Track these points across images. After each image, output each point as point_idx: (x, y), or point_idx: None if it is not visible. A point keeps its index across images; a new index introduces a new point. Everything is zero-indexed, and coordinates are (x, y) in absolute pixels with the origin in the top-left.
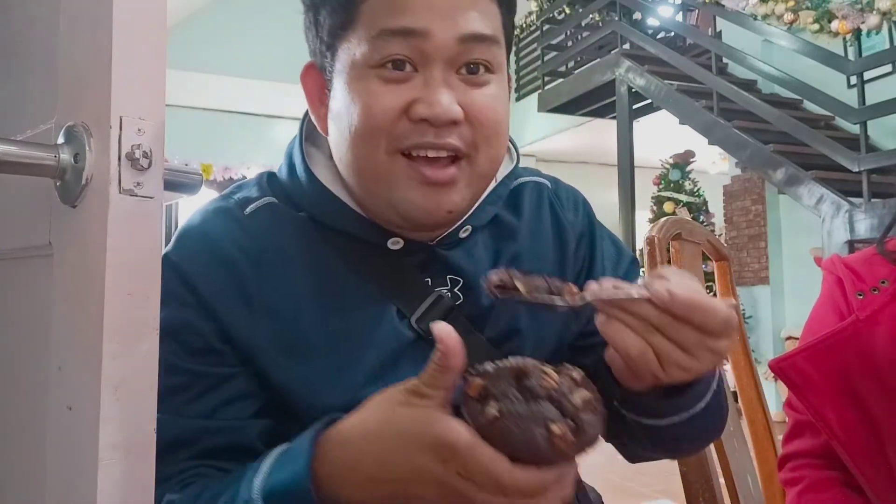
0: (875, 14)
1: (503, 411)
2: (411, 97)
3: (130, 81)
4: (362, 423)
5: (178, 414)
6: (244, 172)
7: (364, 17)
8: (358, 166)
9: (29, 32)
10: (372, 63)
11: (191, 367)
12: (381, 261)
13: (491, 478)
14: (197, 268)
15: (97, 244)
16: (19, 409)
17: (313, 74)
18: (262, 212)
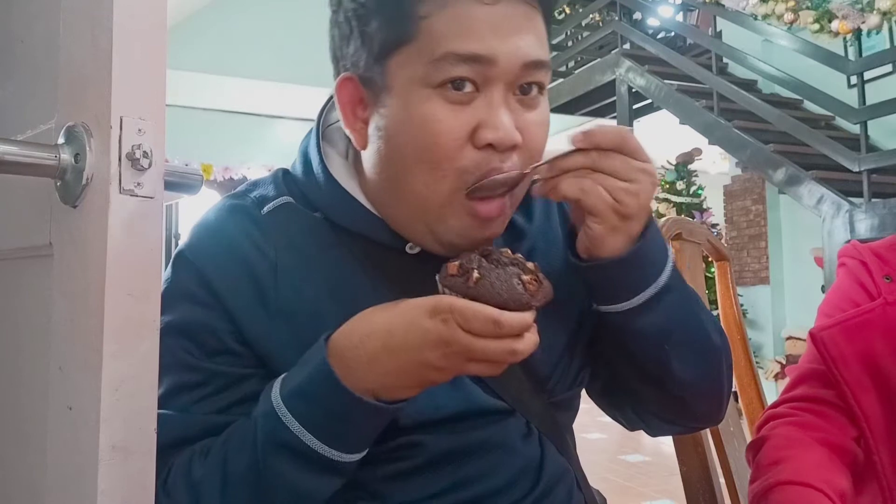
0: (875, 14)
1: (483, 274)
2: (475, 121)
3: (131, 81)
4: (365, 313)
5: (189, 411)
6: (244, 172)
7: (424, 35)
8: (408, 190)
9: (29, 32)
10: (433, 83)
11: (206, 366)
12: (396, 264)
13: (487, 321)
14: (214, 267)
15: (97, 244)
16: (20, 409)
17: (349, 87)
18: (280, 212)
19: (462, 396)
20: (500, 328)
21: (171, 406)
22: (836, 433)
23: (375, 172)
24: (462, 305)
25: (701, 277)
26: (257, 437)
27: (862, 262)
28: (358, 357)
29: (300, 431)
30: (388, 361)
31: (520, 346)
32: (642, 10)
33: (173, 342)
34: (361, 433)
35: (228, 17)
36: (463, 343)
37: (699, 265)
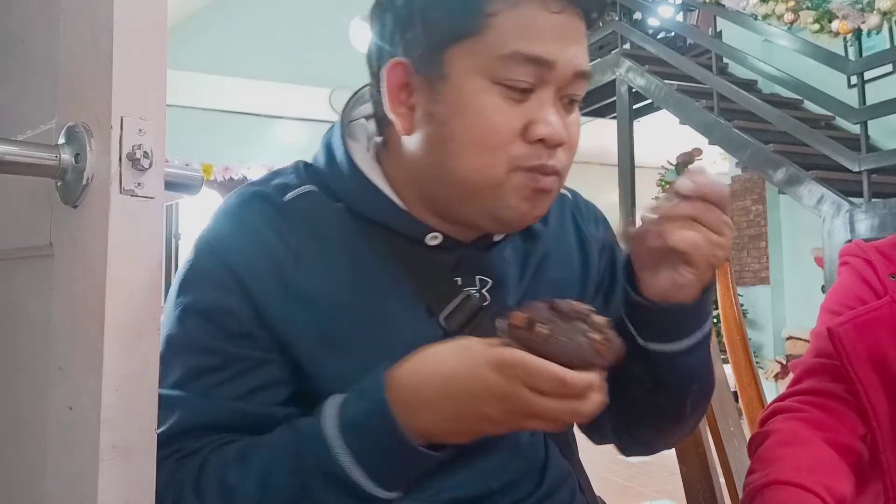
0: (875, 14)
1: (553, 329)
2: (528, 118)
3: (131, 81)
4: (428, 353)
5: (207, 395)
6: (244, 172)
7: (491, 32)
8: (459, 173)
9: (30, 33)
10: (495, 78)
11: (226, 349)
12: (415, 256)
13: (552, 379)
14: (236, 251)
15: (98, 244)
16: (20, 409)
17: (399, 72)
18: (302, 199)
19: None
20: (566, 388)
21: (189, 389)
22: (843, 431)
23: (421, 157)
24: (527, 362)
25: None
26: (305, 459)
27: (867, 260)
28: (416, 398)
29: (350, 465)
30: (446, 408)
31: (584, 409)
32: (642, 10)
33: (193, 324)
34: (408, 475)
35: (228, 17)
36: (525, 401)
37: None
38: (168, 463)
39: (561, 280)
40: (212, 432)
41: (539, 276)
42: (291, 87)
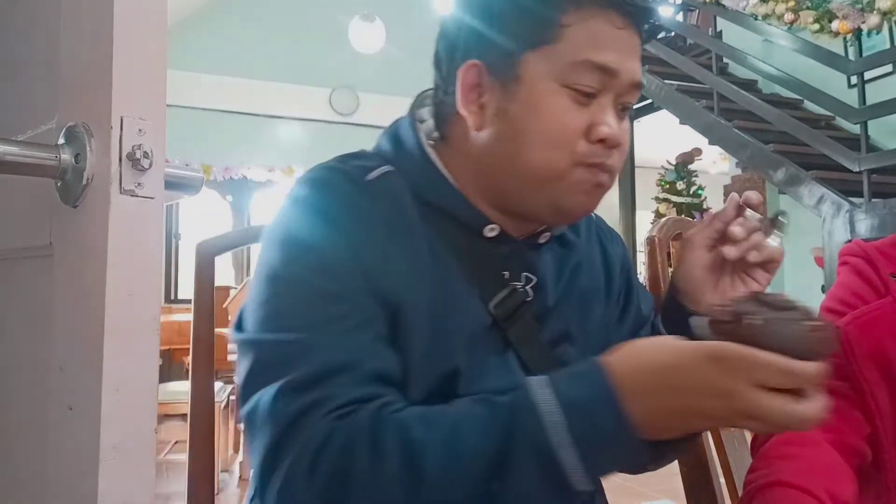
0: (875, 14)
1: (767, 319)
2: (591, 120)
3: (131, 82)
4: (640, 345)
5: (340, 336)
6: (244, 172)
7: (566, 41)
8: (531, 167)
9: (30, 33)
10: (566, 82)
11: (350, 297)
12: (472, 245)
13: (779, 371)
14: (336, 211)
15: (98, 244)
16: (20, 409)
17: (473, 72)
18: (383, 180)
19: (510, 379)
20: (793, 379)
21: (324, 332)
22: (849, 433)
23: (489, 150)
24: (750, 353)
25: None
26: (509, 428)
27: (868, 259)
28: (636, 388)
29: (561, 443)
30: (666, 400)
31: (809, 412)
32: None
33: (311, 277)
34: (612, 465)
35: (228, 17)
36: (749, 397)
37: None
38: (318, 416)
39: (589, 288)
40: (343, 374)
41: (572, 282)
42: (291, 87)
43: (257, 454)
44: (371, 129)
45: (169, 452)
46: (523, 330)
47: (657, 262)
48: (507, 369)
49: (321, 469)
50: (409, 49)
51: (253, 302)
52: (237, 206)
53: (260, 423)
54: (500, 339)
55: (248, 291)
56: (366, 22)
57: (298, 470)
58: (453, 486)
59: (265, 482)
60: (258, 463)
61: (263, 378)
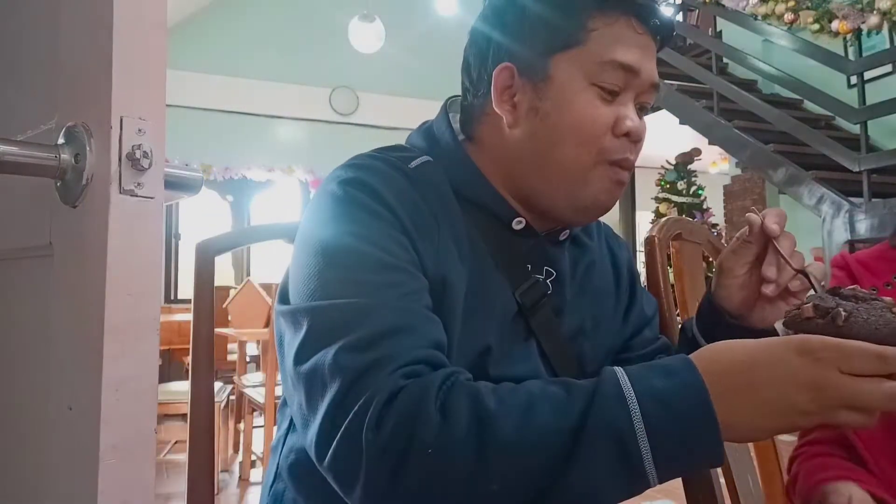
0: (875, 14)
1: (850, 310)
2: (616, 115)
3: (131, 81)
4: (720, 346)
5: (398, 300)
6: (244, 172)
7: (593, 43)
8: (556, 162)
9: (30, 33)
10: (594, 81)
11: (404, 266)
12: (501, 236)
13: (872, 357)
14: (386, 188)
15: (97, 244)
16: (20, 409)
17: (506, 74)
18: (424, 168)
19: (532, 366)
20: (887, 364)
21: (380, 297)
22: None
23: (521, 147)
24: (838, 343)
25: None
26: (589, 409)
27: (849, 273)
28: (719, 387)
29: (642, 435)
30: (750, 397)
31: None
32: None
33: (366, 248)
34: (688, 464)
35: (228, 17)
36: (843, 386)
37: (699, 265)
38: (384, 373)
39: (600, 288)
40: (404, 336)
41: (586, 281)
42: (291, 87)
43: (319, 411)
44: (371, 129)
45: (169, 452)
46: (544, 320)
47: (657, 262)
48: (529, 356)
49: (387, 423)
50: (409, 49)
51: (301, 276)
52: (237, 206)
53: (322, 380)
54: (523, 327)
55: (291, 269)
56: (365, 22)
57: (364, 422)
58: (522, 459)
59: (325, 437)
60: (319, 419)
61: (324, 340)
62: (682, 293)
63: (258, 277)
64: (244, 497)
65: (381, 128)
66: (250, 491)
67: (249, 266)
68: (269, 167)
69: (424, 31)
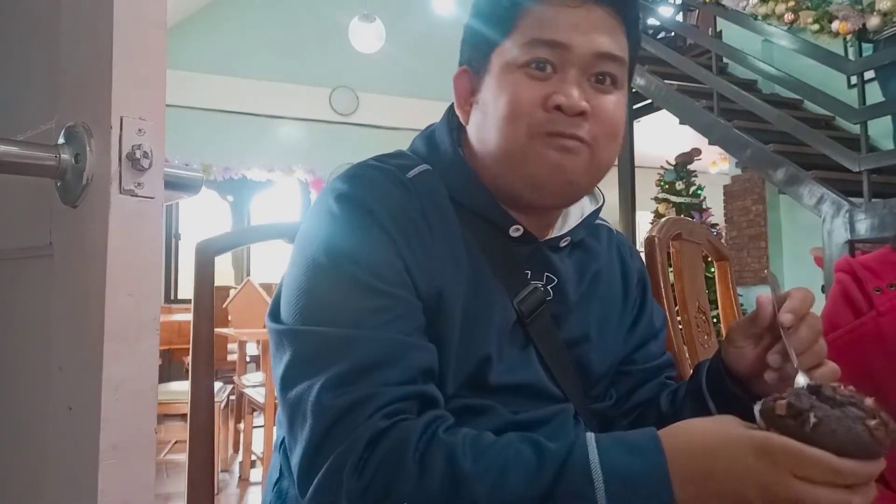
0: (876, 15)
1: (821, 417)
2: (550, 90)
3: (131, 82)
4: (689, 427)
5: (382, 329)
6: (244, 172)
7: (519, 29)
8: (499, 146)
9: (30, 33)
10: (520, 63)
11: (391, 291)
12: (499, 244)
13: (828, 470)
14: (380, 207)
15: (98, 244)
16: (20, 409)
17: (465, 78)
18: (423, 177)
19: (531, 374)
20: (841, 478)
21: (363, 327)
22: None
23: (476, 139)
24: (797, 449)
25: (701, 277)
26: (559, 481)
27: (853, 276)
28: (683, 472)
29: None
30: (707, 486)
31: (857, 500)
32: (642, 10)
33: (356, 270)
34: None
35: (228, 17)
36: (793, 490)
37: (699, 265)
38: (364, 414)
39: (608, 296)
40: (387, 369)
41: (593, 288)
42: (291, 87)
43: (300, 444)
44: (371, 129)
45: (169, 452)
46: (543, 328)
47: (657, 262)
48: (528, 364)
49: (368, 469)
50: (409, 49)
51: (291, 292)
52: (237, 206)
53: (304, 414)
54: (522, 334)
55: (285, 281)
56: (365, 22)
57: (344, 466)
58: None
59: (306, 472)
60: (300, 453)
61: (306, 369)
62: (682, 293)
63: (258, 277)
64: (244, 497)
65: (381, 128)
66: (250, 491)
67: (249, 266)
68: (269, 167)
69: (424, 31)
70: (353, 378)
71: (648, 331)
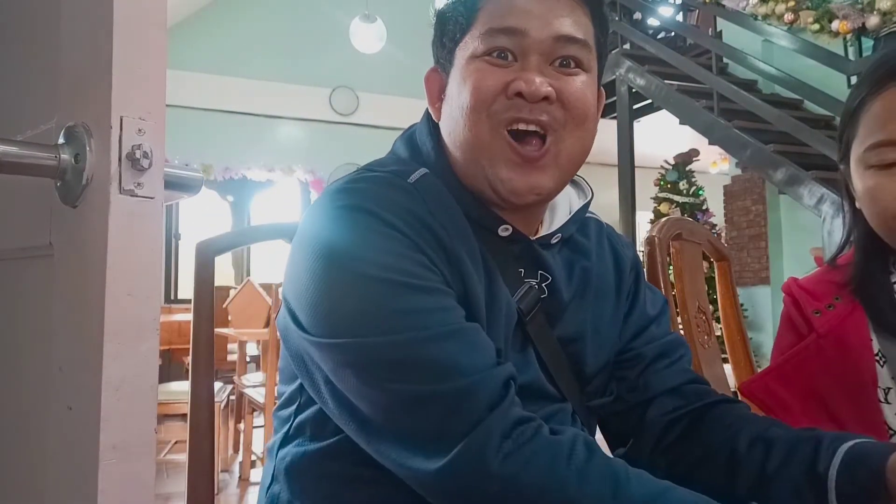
0: (875, 14)
1: None
2: (511, 78)
3: (131, 81)
4: None
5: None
6: (244, 172)
7: (478, 23)
8: (464, 138)
9: (29, 33)
10: (480, 53)
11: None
12: (492, 244)
13: None
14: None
15: (98, 244)
16: (20, 409)
17: (435, 77)
18: (424, 181)
19: (531, 375)
20: None
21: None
22: None
23: (446, 134)
24: None
25: (701, 277)
26: None
27: (794, 299)
28: None
29: None
30: None
31: None
32: (642, 10)
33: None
34: None
35: (228, 17)
36: None
37: (699, 265)
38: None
39: (600, 290)
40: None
41: (584, 285)
42: (291, 87)
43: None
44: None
45: (169, 452)
46: (539, 327)
47: (657, 262)
48: (528, 364)
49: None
50: (409, 49)
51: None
52: (237, 206)
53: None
54: (520, 335)
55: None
56: (366, 22)
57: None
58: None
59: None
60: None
61: (382, 375)
62: (682, 293)
63: (258, 277)
64: (244, 497)
65: (381, 128)
66: (250, 491)
67: (249, 266)
68: (269, 167)
69: (425, 31)
70: (448, 372)
71: (644, 317)
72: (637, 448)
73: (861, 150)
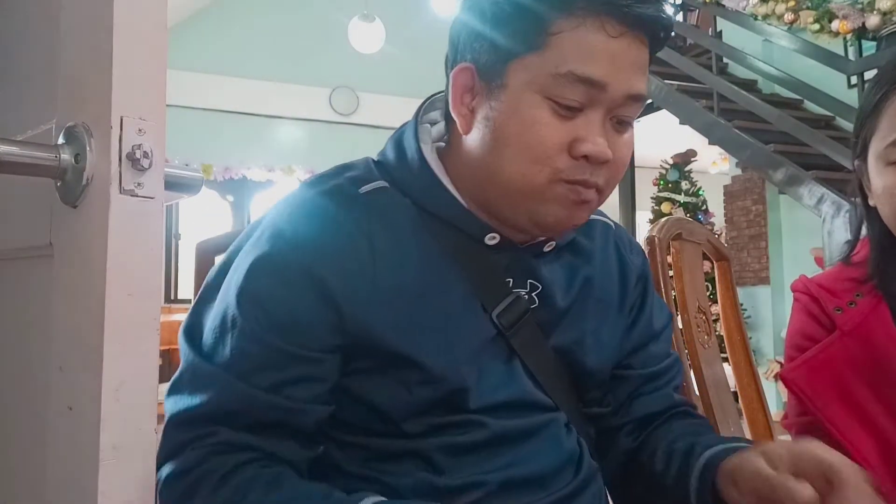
0: (875, 14)
1: None
2: (575, 134)
3: (131, 82)
4: None
5: (245, 381)
6: (244, 172)
7: (551, 50)
8: (509, 178)
9: (30, 33)
10: (548, 94)
11: (275, 343)
12: (474, 254)
13: None
14: (323, 255)
15: (98, 244)
16: (20, 409)
17: (467, 77)
18: (377, 194)
19: (517, 388)
20: None
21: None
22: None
23: (475, 156)
24: None
25: (701, 277)
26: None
27: (812, 297)
28: None
29: None
30: None
31: None
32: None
33: (250, 310)
34: None
35: (228, 17)
36: None
37: (699, 265)
38: (198, 447)
39: (603, 299)
40: (242, 421)
41: (585, 291)
42: (291, 87)
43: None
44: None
45: None
46: (528, 337)
47: (657, 262)
48: (513, 378)
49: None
50: (409, 49)
51: (210, 309)
52: (237, 206)
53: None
54: (505, 347)
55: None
56: (365, 22)
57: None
58: None
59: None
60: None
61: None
62: (682, 293)
63: None
64: None
65: (381, 128)
66: None
67: None
68: (269, 167)
69: (425, 31)
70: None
71: (647, 332)
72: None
73: (882, 145)
